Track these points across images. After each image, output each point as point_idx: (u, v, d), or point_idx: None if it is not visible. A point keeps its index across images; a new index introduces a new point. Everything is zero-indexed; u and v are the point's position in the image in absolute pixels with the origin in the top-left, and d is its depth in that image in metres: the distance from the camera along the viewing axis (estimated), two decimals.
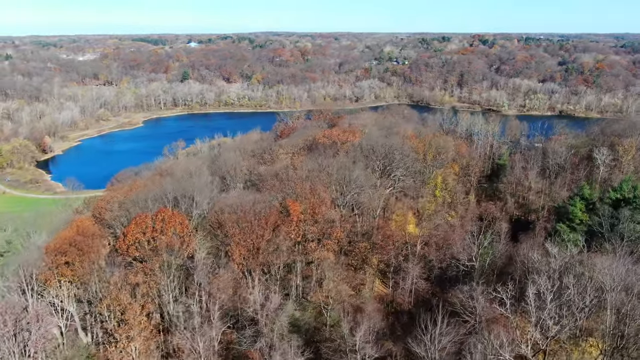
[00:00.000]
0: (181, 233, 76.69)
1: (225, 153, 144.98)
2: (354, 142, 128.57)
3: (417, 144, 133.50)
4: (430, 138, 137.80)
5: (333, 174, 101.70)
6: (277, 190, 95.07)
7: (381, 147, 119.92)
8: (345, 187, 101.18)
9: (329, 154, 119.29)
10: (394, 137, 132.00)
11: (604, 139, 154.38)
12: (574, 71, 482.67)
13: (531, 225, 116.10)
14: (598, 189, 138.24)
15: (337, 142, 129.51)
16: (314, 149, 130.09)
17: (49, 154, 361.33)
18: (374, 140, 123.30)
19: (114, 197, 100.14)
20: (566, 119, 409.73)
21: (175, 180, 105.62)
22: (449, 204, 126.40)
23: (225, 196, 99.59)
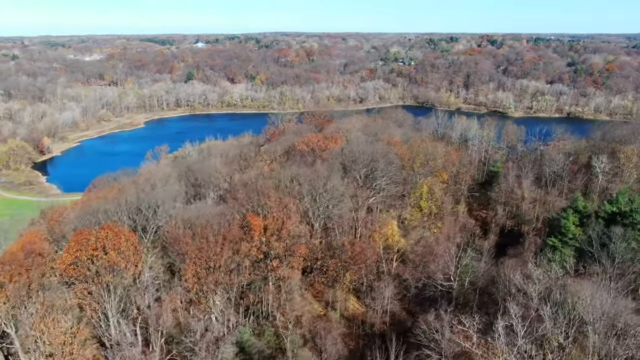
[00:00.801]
0: (126, 251, 70.50)
1: (206, 159, 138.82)
2: (333, 149, 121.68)
3: (402, 151, 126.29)
4: (417, 144, 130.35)
5: (304, 185, 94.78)
6: (241, 202, 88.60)
7: (362, 154, 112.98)
8: (317, 198, 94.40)
9: (307, 161, 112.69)
10: (379, 144, 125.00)
11: (604, 145, 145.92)
12: (583, 72, 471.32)
13: (521, 239, 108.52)
14: (596, 200, 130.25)
15: (316, 149, 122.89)
16: (293, 156, 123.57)
17: (47, 155, 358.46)
18: (356, 147, 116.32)
19: (68, 208, 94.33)
20: (574, 121, 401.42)
21: (140, 190, 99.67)
22: (435, 215, 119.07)
23: (187, 208, 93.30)
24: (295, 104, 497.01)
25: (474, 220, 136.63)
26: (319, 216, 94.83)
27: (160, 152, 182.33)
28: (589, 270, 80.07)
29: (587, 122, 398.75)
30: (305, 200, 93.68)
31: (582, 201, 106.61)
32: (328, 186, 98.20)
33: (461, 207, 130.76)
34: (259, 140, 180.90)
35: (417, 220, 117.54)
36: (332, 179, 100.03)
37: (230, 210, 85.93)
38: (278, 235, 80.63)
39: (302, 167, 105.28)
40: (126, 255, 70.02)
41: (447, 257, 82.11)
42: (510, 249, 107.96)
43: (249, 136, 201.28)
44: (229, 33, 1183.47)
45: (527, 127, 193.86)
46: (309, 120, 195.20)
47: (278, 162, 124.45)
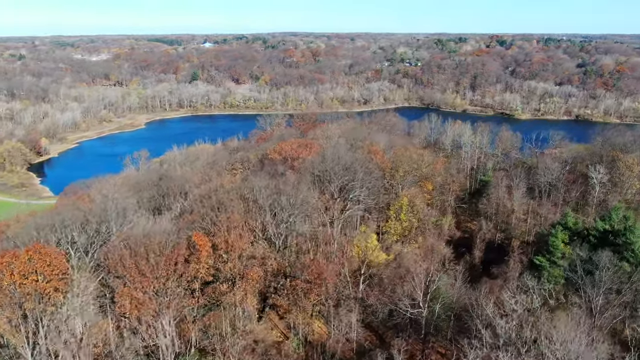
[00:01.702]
0: (50, 276, 63.81)
1: (184, 165, 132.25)
2: (307, 157, 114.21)
3: (382, 159, 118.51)
4: (400, 152, 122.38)
5: (267, 198, 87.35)
6: (194, 218, 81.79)
7: (337, 164, 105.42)
8: (279, 213, 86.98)
9: (278, 171, 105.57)
10: (357, 152, 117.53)
11: (605, 152, 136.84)
12: (593, 74, 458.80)
13: (506, 257, 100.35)
14: (593, 214, 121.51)
15: (288, 158, 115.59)
16: (266, 165, 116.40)
17: (44, 157, 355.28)
18: (332, 155, 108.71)
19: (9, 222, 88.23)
20: (582, 124, 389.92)
21: (94, 203, 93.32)
22: (416, 229, 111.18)
23: (137, 224, 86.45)
24: (299, 105, 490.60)
25: (462, 233, 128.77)
26: (280, 233, 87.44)
27: (140, 157, 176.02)
28: (571, 299, 71.90)
29: (595, 125, 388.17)
30: (266, 215, 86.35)
31: (572, 217, 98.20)
32: (296, 199, 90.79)
33: (446, 220, 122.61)
34: (245, 145, 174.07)
35: (397, 234, 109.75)
36: (300, 191, 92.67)
37: (182, 226, 79.07)
38: (227, 257, 73.63)
39: (268, 178, 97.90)
40: (54, 280, 63.50)
41: (415, 281, 74.28)
42: (495, 268, 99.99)
43: (237, 140, 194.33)
44: (237, 33, 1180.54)
45: (524, 132, 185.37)
46: (298, 124, 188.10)
47: (251, 171, 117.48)
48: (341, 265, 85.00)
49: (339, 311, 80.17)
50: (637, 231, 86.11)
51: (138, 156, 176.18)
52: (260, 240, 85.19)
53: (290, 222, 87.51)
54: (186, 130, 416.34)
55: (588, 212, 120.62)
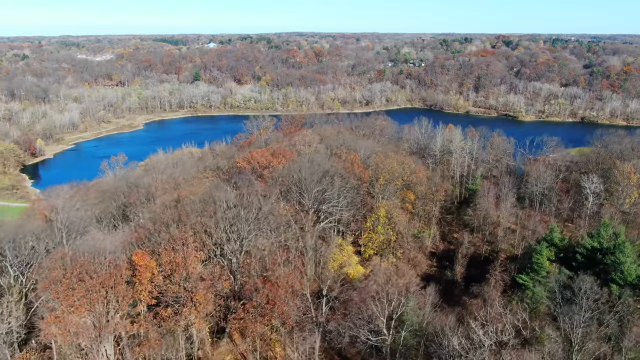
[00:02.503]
0: None
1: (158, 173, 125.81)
2: (278, 166, 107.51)
3: (360, 168, 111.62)
4: (381, 160, 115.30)
5: (221, 212, 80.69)
6: (139, 235, 75.47)
7: (312, 173, 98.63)
8: (238, 229, 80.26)
9: (245, 182, 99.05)
10: (333, 160, 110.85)
11: (600, 160, 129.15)
12: (599, 75, 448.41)
13: (488, 275, 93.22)
14: (585, 227, 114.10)
15: (257, 167, 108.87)
16: (237, 174, 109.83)
17: (38, 158, 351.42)
18: (305, 164, 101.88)
19: None
20: (588, 127, 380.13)
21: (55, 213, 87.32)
22: (394, 242, 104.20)
23: (83, 241, 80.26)
24: (299, 106, 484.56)
25: (448, 245, 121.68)
26: (239, 250, 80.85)
27: (117, 162, 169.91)
28: (547, 330, 64.70)
29: (600, 128, 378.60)
30: (226, 230, 79.68)
31: (558, 232, 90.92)
32: (260, 212, 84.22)
33: (429, 231, 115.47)
34: (229, 150, 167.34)
35: (373, 248, 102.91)
36: (266, 203, 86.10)
37: (129, 243, 72.78)
38: (172, 278, 67.30)
39: (234, 189, 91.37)
40: None
41: (378, 306, 67.31)
42: (475, 286, 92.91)
43: (224, 144, 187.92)
44: (243, 33, 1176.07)
45: (526, 135, 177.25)
46: (286, 128, 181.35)
47: (222, 179, 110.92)
48: (302, 286, 78.20)
49: (299, 336, 73.53)
50: (627, 250, 78.90)
51: (115, 161, 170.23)
52: (217, 257, 78.69)
53: (251, 238, 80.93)
54: (184, 131, 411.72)
55: (581, 225, 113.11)
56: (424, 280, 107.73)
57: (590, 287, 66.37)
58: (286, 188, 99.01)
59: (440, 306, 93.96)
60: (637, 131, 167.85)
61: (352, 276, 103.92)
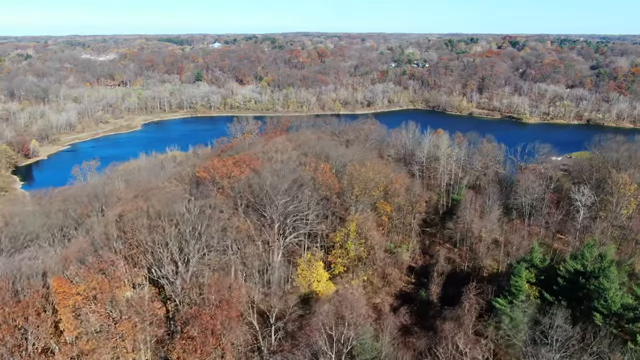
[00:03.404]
0: None
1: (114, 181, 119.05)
2: (241, 177, 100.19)
3: (330, 179, 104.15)
4: (355, 170, 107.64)
5: (167, 227, 73.65)
6: (68, 253, 68.71)
7: (278, 184, 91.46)
8: (183, 247, 73.37)
9: (203, 193, 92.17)
10: (303, 169, 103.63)
11: (594, 169, 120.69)
12: (606, 76, 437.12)
13: (462, 297, 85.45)
14: (577, 242, 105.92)
15: (217, 177, 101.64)
16: (198, 184, 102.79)
17: (32, 159, 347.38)
18: (269, 174, 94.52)
19: None
20: (593, 129, 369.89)
21: None
22: (365, 258, 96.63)
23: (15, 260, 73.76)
24: (300, 107, 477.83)
25: (429, 259, 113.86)
26: (185, 270, 73.75)
27: (89, 167, 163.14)
28: None
29: (605, 131, 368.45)
30: (162, 249, 72.51)
31: (538, 252, 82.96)
32: (214, 227, 77.20)
33: (407, 246, 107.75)
34: (210, 154, 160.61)
35: (342, 266, 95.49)
36: (220, 217, 79.02)
37: (54, 264, 66.13)
38: (95, 305, 60.43)
39: (187, 201, 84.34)
40: None
41: (326, 342, 59.94)
42: (449, 310, 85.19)
43: (209, 148, 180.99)
44: (249, 33, 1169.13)
45: (528, 137, 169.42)
46: (271, 132, 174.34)
47: (184, 189, 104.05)
48: (250, 311, 70.86)
49: None
50: (612, 275, 70.91)
51: (87, 166, 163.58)
52: (161, 279, 71.72)
53: (199, 257, 73.87)
54: (182, 132, 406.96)
55: (569, 241, 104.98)
56: (399, 299, 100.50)
57: (566, 319, 58.66)
58: (247, 200, 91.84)
59: (411, 331, 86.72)
60: (638, 136, 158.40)
61: (321, 294, 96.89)
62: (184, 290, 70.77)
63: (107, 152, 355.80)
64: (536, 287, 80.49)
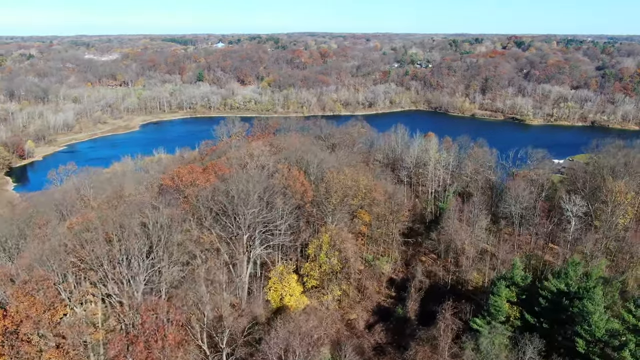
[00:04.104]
0: None
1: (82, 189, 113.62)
2: (206, 185, 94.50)
3: (303, 187, 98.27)
4: (333, 177, 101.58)
5: (122, 240, 68.07)
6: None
7: (245, 193, 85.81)
8: (132, 262, 67.83)
9: (171, 202, 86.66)
10: (275, 177, 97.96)
11: (587, 177, 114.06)
12: (611, 77, 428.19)
13: (436, 316, 79.28)
14: (568, 254, 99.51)
15: (181, 185, 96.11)
16: (164, 192, 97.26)
17: (27, 160, 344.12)
18: (236, 182, 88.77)
19: None
20: (598, 131, 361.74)
21: None
22: (339, 272, 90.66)
23: None
24: (300, 107, 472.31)
25: (411, 271, 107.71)
26: (134, 290, 68.20)
27: (66, 172, 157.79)
28: None
29: (611, 132, 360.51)
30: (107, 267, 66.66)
31: (520, 269, 76.81)
32: (170, 239, 71.71)
33: (384, 260, 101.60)
34: (193, 157, 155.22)
35: (314, 280, 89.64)
36: (174, 229, 73.47)
37: None
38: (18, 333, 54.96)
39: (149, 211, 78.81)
40: None
41: None
42: (424, 330, 79.14)
43: (196, 151, 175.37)
44: (253, 33, 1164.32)
45: (530, 140, 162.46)
46: (260, 134, 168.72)
47: (152, 197, 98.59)
48: (199, 333, 65.08)
49: None
50: (597, 297, 64.68)
51: (64, 170, 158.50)
52: (109, 299, 66.21)
53: (149, 275, 68.32)
54: (180, 133, 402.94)
55: (559, 254, 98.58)
56: (376, 315, 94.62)
57: (538, 351, 52.60)
58: (215, 210, 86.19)
59: (385, 351, 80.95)
60: (638, 141, 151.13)
61: (293, 308, 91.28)
62: (134, 311, 65.41)
63: (103, 153, 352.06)
64: (517, 307, 74.48)
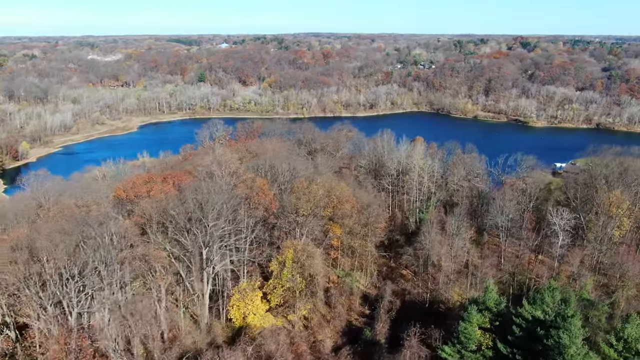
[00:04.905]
0: None
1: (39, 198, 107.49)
2: (158, 197, 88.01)
3: (267, 197, 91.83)
4: (302, 187, 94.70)
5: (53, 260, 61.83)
6: None
7: (206, 204, 79.57)
8: (69, 282, 61.67)
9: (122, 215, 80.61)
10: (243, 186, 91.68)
11: (579, 186, 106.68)
12: (618, 78, 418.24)
13: (403, 342, 72.55)
14: (556, 270, 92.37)
15: (133, 198, 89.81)
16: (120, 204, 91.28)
17: (21, 161, 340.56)
18: (198, 192, 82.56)
19: None
20: (603, 134, 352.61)
21: None
22: (305, 289, 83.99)
23: None
24: (300, 109, 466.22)
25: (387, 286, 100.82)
26: (68, 312, 62.13)
27: (39, 177, 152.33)
28: None
29: (617, 135, 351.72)
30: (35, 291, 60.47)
31: (493, 291, 69.87)
32: (111, 257, 65.65)
33: (355, 277, 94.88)
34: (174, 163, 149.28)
35: (277, 298, 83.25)
36: (117, 246, 67.37)
37: None
38: None
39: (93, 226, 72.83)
40: None
41: None
42: (389, 358, 72.41)
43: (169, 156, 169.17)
44: (260, 34, 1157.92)
45: (533, 142, 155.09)
46: (243, 138, 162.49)
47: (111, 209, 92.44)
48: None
49: None
50: (575, 329, 57.66)
51: (35, 176, 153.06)
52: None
53: (84, 296, 62.33)
54: (179, 134, 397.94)
55: (544, 272, 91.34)
56: (345, 336, 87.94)
57: None
58: (170, 223, 80.00)
59: None
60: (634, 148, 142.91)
61: (257, 328, 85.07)
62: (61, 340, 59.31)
63: (99, 155, 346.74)
64: (490, 334, 67.66)
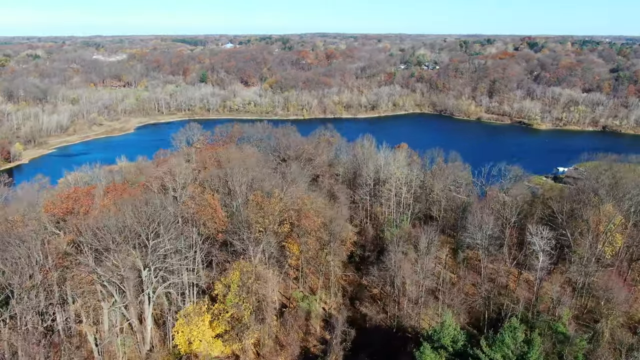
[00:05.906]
0: None
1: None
2: (89, 213, 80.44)
3: (216, 214, 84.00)
4: (257, 201, 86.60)
5: None
6: None
7: (145, 221, 72.21)
8: None
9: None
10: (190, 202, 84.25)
11: (564, 202, 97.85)
12: (626, 80, 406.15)
13: None
14: (536, 294, 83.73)
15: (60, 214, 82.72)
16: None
17: (13, 163, 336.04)
18: (136, 207, 75.24)
19: None
20: (609, 137, 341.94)
21: None
22: (252, 314, 75.97)
23: None
24: (300, 110, 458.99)
25: (354, 311, 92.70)
26: None
27: None
28: None
29: (624, 138, 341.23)
30: None
31: (451, 327, 61.57)
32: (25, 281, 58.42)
33: (314, 299, 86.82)
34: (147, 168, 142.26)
35: (222, 325, 75.48)
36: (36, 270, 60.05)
37: None
38: None
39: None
40: None
41: None
42: None
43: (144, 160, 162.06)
44: (266, 34, 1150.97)
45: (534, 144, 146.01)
46: (221, 142, 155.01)
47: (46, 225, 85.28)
48: None
49: None
50: None
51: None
52: None
53: None
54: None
55: (520, 296, 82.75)
56: None
57: None
58: (93, 245, 72.70)
59: None
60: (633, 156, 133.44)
61: (203, 356, 77.63)
62: None
63: (94, 156, 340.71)
64: None
